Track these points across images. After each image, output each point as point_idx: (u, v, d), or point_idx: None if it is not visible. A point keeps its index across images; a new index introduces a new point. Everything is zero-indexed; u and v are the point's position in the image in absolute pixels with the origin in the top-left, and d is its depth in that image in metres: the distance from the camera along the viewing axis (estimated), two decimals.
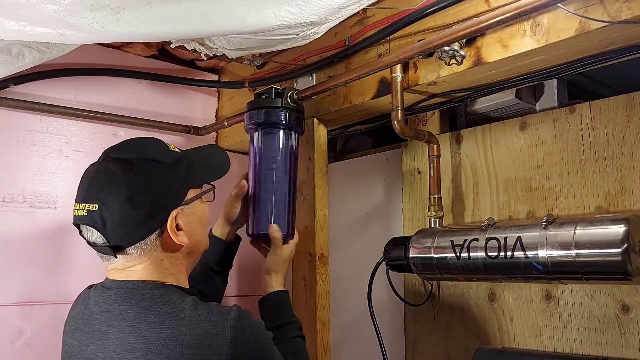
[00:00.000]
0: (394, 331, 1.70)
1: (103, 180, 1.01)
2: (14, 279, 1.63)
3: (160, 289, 1.01)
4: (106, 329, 1.00)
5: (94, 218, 0.99)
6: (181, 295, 1.01)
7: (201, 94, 2.08)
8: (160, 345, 0.94)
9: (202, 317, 0.96)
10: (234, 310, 0.98)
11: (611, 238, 1.07)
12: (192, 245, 1.09)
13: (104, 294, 1.04)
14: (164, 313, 0.97)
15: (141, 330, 0.96)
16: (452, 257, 1.32)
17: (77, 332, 1.06)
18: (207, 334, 0.94)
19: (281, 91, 1.47)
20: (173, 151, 1.09)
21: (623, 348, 1.22)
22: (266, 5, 1.20)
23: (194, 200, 1.09)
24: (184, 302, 0.98)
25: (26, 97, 1.69)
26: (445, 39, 1.19)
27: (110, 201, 0.98)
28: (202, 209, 1.13)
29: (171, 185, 1.05)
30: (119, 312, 1.00)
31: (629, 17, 0.99)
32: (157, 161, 1.04)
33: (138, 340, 0.95)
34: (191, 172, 1.09)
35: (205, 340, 0.94)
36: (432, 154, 1.50)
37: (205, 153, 1.22)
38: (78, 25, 1.08)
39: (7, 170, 1.66)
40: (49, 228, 1.70)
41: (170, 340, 0.94)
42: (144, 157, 1.03)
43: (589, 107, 1.33)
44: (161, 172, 1.03)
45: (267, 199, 1.40)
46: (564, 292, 1.33)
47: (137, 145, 1.09)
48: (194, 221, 1.09)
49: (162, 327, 0.95)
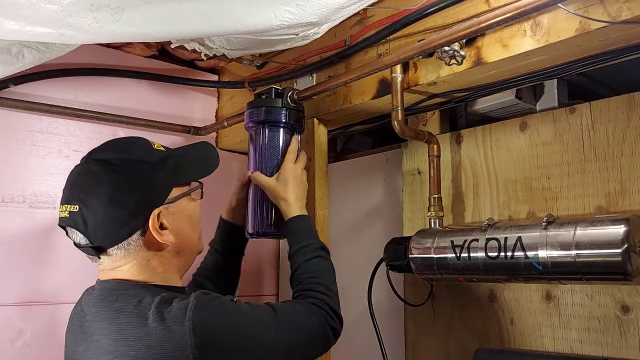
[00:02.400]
0: (394, 331, 1.70)
1: (84, 181, 1.01)
2: (13, 279, 1.63)
3: (135, 289, 0.99)
4: (91, 330, 0.99)
5: (75, 219, 0.98)
6: (154, 294, 0.98)
7: (201, 93, 2.09)
8: (127, 347, 0.92)
9: (166, 314, 0.93)
10: (190, 300, 0.95)
11: (611, 238, 1.07)
12: (180, 243, 1.07)
13: (90, 295, 1.04)
14: (132, 314, 0.95)
15: (112, 333, 0.95)
16: (452, 257, 1.32)
17: (71, 333, 1.06)
18: (169, 330, 0.91)
19: (281, 91, 1.47)
20: (157, 150, 1.08)
21: (623, 348, 1.22)
22: (266, 5, 1.20)
23: (178, 199, 1.06)
24: (153, 302, 0.96)
25: (26, 97, 1.69)
26: (445, 38, 1.19)
27: (91, 202, 0.98)
28: (191, 207, 1.11)
29: (153, 184, 1.03)
30: (97, 313, 0.99)
31: (629, 17, 0.99)
32: (139, 160, 1.03)
33: (110, 343, 0.94)
34: (176, 170, 1.08)
35: (167, 338, 0.91)
36: (432, 154, 1.50)
37: (192, 151, 1.19)
38: (78, 25, 1.08)
39: (7, 170, 1.66)
40: (49, 228, 1.70)
41: (136, 341, 0.92)
42: (125, 157, 1.03)
43: (589, 107, 1.32)
44: (143, 171, 1.02)
45: (266, 198, 1.40)
46: (564, 292, 1.33)
47: (120, 145, 1.09)
48: (181, 219, 1.07)
49: (130, 327, 0.94)
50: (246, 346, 0.98)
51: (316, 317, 1.12)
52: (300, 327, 1.09)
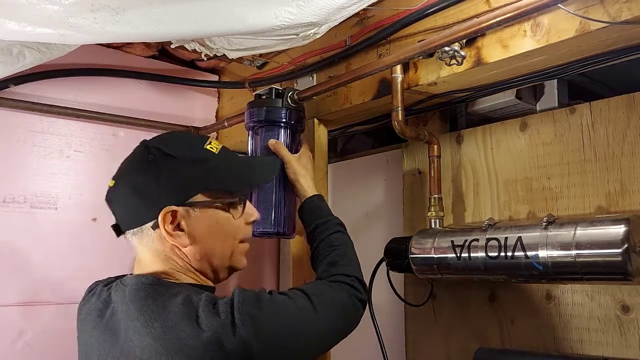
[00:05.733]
0: (394, 331, 1.70)
1: (125, 161, 1.05)
2: (14, 279, 1.63)
3: (173, 288, 0.95)
4: (125, 328, 0.95)
5: (109, 194, 1.04)
6: (197, 292, 0.93)
7: (201, 94, 2.09)
8: (179, 346, 0.87)
9: (214, 311, 0.89)
10: (235, 297, 0.90)
11: (611, 238, 1.07)
12: (198, 252, 1.00)
13: (122, 291, 0.99)
14: (148, 316, 0.91)
15: (130, 334, 0.92)
16: (452, 257, 1.32)
17: (94, 330, 1.02)
18: (223, 326, 0.87)
19: (281, 91, 1.47)
20: (205, 149, 1.03)
21: (623, 348, 1.22)
22: (266, 5, 1.20)
23: (203, 205, 0.99)
24: (200, 300, 0.91)
25: (26, 97, 1.69)
26: (445, 39, 1.19)
27: (120, 182, 1.02)
28: (216, 218, 1.01)
29: (175, 181, 0.98)
30: (134, 311, 0.94)
31: (629, 17, 0.99)
32: (171, 155, 0.99)
33: (154, 343, 0.89)
34: (209, 175, 1.02)
35: (222, 334, 0.86)
36: (432, 154, 1.50)
37: (246, 160, 1.14)
38: (78, 25, 1.09)
39: (8, 171, 1.66)
40: (49, 228, 1.71)
41: (190, 339, 0.87)
42: (161, 149, 1.00)
43: (589, 107, 1.32)
44: (170, 165, 0.99)
45: (268, 197, 1.40)
46: (564, 292, 1.33)
47: (170, 136, 1.12)
48: (200, 227, 0.99)
49: (145, 331, 0.90)
50: (294, 336, 0.96)
51: (345, 292, 1.13)
52: (333, 306, 1.08)
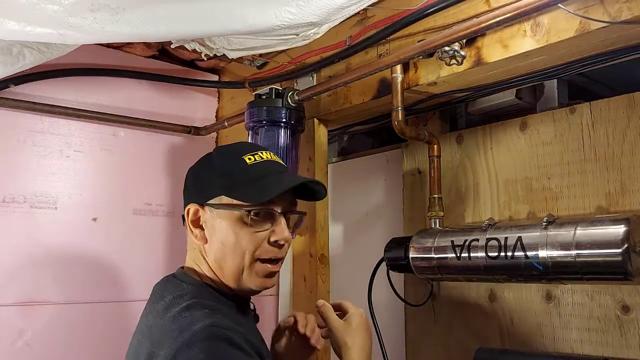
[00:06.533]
0: (394, 331, 1.70)
1: None
2: (14, 279, 1.63)
3: (187, 285, 1.01)
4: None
5: None
6: (193, 296, 0.96)
7: (201, 94, 2.09)
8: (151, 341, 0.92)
9: (178, 319, 0.90)
10: (198, 329, 0.86)
11: (611, 238, 1.07)
12: (214, 253, 1.01)
13: None
14: (157, 312, 0.96)
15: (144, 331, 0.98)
16: (452, 257, 1.32)
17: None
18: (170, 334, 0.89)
19: (281, 91, 1.47)
20: (242, 159, 1.02)
21: (623, 348, 1.22)
22: (266, 5, 1.20)
23: (220, 207, 1.00)
24: (181, 304, 0.94)
25: (26, 97, 1.69)
26: (445, 39, 1.19)
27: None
28: (232, 226, 1.00)
29: (202, 181, 1.06)
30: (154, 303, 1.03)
31: (629, 17, 0.99)
32: (210, 159, 1.08)
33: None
34: (229, 181, 1.01)
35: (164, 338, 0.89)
36: (432, 154, 1.50)
37: (274, 174, 1.04)
38: (78, 25, 1.09)
39: (8, 170, 1.66)
40: (49, 228, 1.70)
41: (145, 338, 0.94)
42: (212, 153, 1.10)
43: (589, 107, 1.32)
44: (204, 166, 1.08)
45: None
46: (564, 292, 1.33)
47: (230, 144, 1.16)
48: (215, 229, 1.01)
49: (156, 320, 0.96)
50: None
51: None
52: None
